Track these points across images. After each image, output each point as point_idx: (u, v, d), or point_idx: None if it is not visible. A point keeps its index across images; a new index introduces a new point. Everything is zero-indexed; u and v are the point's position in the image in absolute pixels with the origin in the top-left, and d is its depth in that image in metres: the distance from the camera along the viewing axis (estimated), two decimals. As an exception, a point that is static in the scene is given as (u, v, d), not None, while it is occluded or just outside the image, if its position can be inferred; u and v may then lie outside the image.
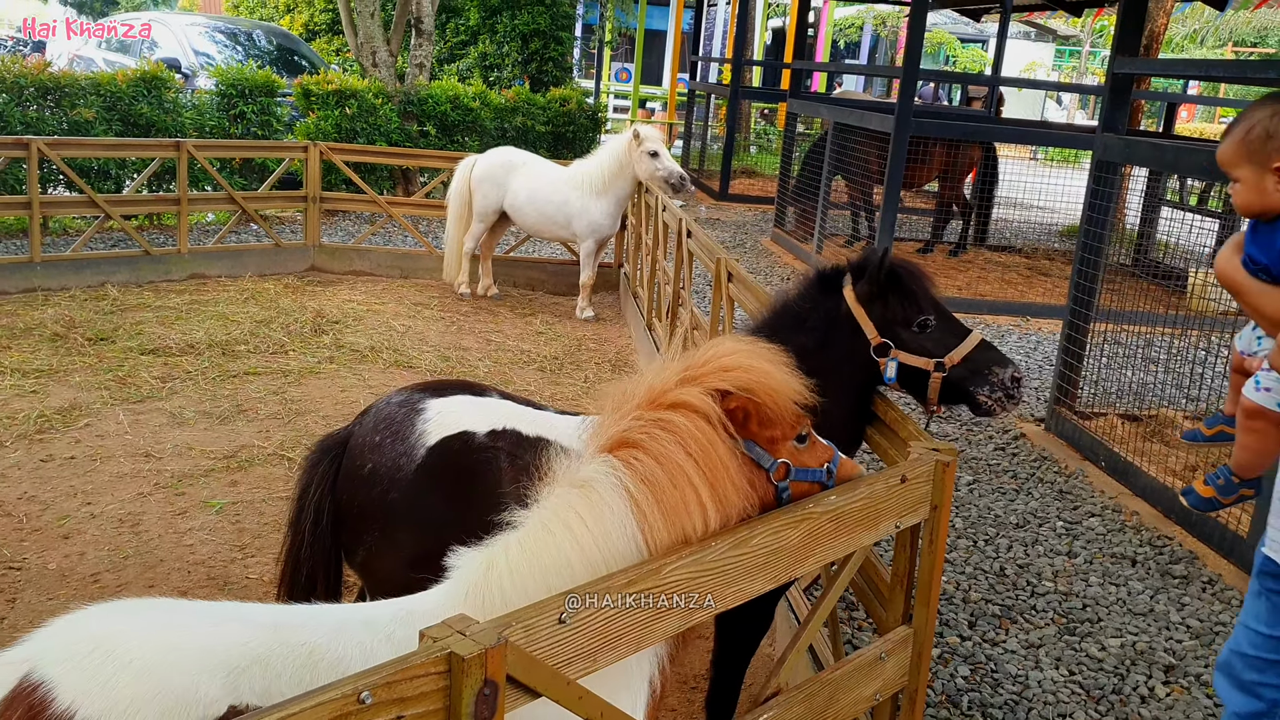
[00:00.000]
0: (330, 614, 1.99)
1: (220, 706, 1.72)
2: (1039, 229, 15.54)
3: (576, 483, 1.95)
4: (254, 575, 4.53)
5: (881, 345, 3.13)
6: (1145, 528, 5.67)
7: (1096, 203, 7.00)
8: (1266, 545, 2.58)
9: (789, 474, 2.19)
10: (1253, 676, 2.69)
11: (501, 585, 1.90)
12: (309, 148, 10.39)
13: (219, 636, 1.81)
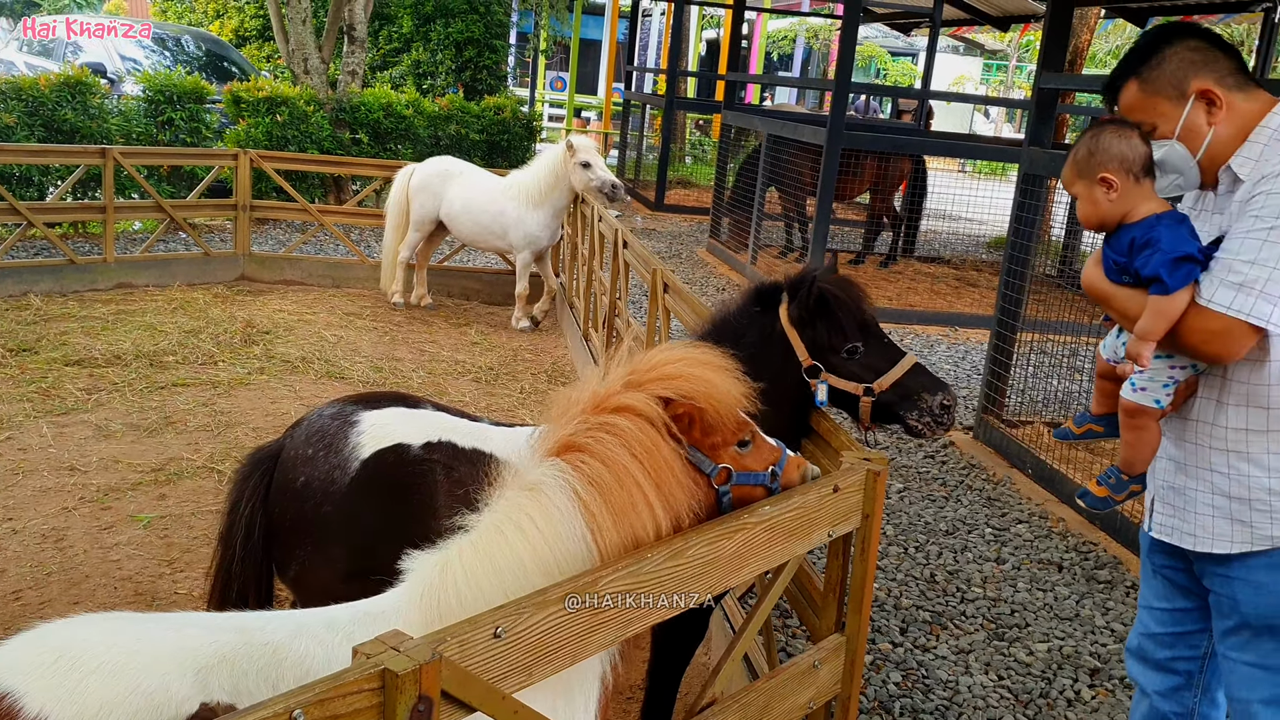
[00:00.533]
0: (290, 617, 2.01)
1: (192, 704, 1.73)
2: (967, 240, 15.84)
3: (526, 486, 1.97)
4: (183, 590, 4.45)
5: (812, 367, 3.13)
6: (1071, 534, 5.79)
7: (1023, 215, 7.15)
8: (1154, 529, 2.73)
9: (730, 479, 2.21)
10: (1165, 654, 2.83)
11: (457, 587, 1.91)
12: (239, 155, 10.24)
13: (183, 639, 1.82)
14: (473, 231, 9.24)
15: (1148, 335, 2.44)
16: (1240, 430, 2.47)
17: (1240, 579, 2.52)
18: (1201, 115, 2.47)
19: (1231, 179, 2.49)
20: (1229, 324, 2.32)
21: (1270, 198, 2.31)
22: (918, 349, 9.86)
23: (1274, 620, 2.49)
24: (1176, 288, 2.38)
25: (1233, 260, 2.33)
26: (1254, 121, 2.46)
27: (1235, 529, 2.50)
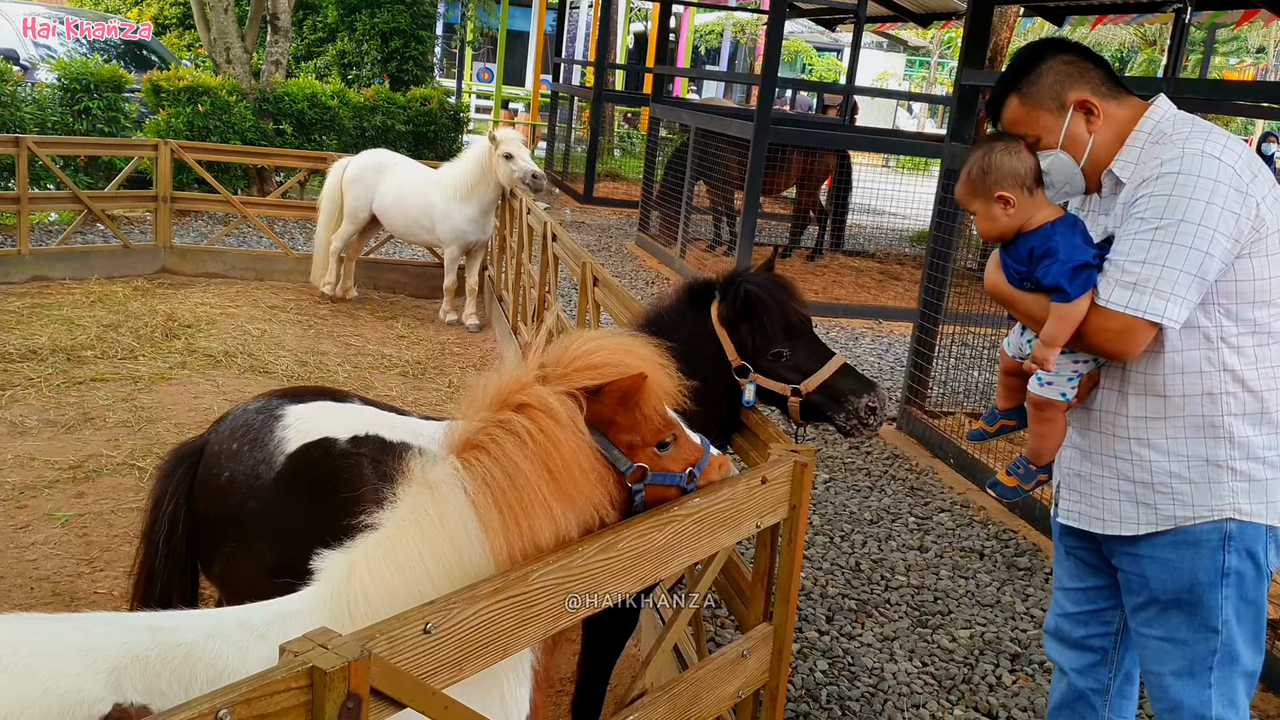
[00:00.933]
0: (205, 617, 1.98)
1: (105, 705, 1.70)
2: (891, 234, 16.06)
3: (427, 484, 1.95)
4: (103, 590, 4.35)
5: (741, 367, 3.14)
6: (992, 522, 5.92)
7: (945, 210, 7.28)
8: (1061, 515, 2.87)
9: (645, 478, 2.17)
10: (1080, 632, 2.97)
11: (364, 587, 1.90)
12: (159, 146, 10.00)
13: (96, 639, 1.79)
14: (403, 224, 9.13)
15: (1053, 341, 2.56)
16: (1140, 418, 2.59)
17: (1147, 557, 2.64)
18: (1081, 124, 2.60)
19: (1113, 182, 2.62)
20: (1128, 322, 2.45)
21: (1152, 199, 2.44)
22: (843, 342, 9.99)
23: (1180, 595, 2.60)
24: (1077, 295, 2.49)
25: (1125, 261, 2.46)
26: (1128, 127, 2.60)
27: (1140, 511, 2.63)
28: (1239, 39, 36.47)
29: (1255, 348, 2.51)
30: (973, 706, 4.12)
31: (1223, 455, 2.53)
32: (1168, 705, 2.69)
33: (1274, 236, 2.46)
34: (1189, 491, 2.56)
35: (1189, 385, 2.53)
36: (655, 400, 2.13)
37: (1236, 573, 2.56)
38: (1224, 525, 2.55)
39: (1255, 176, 2.44)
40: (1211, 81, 13.25)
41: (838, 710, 4.00)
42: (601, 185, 19.01)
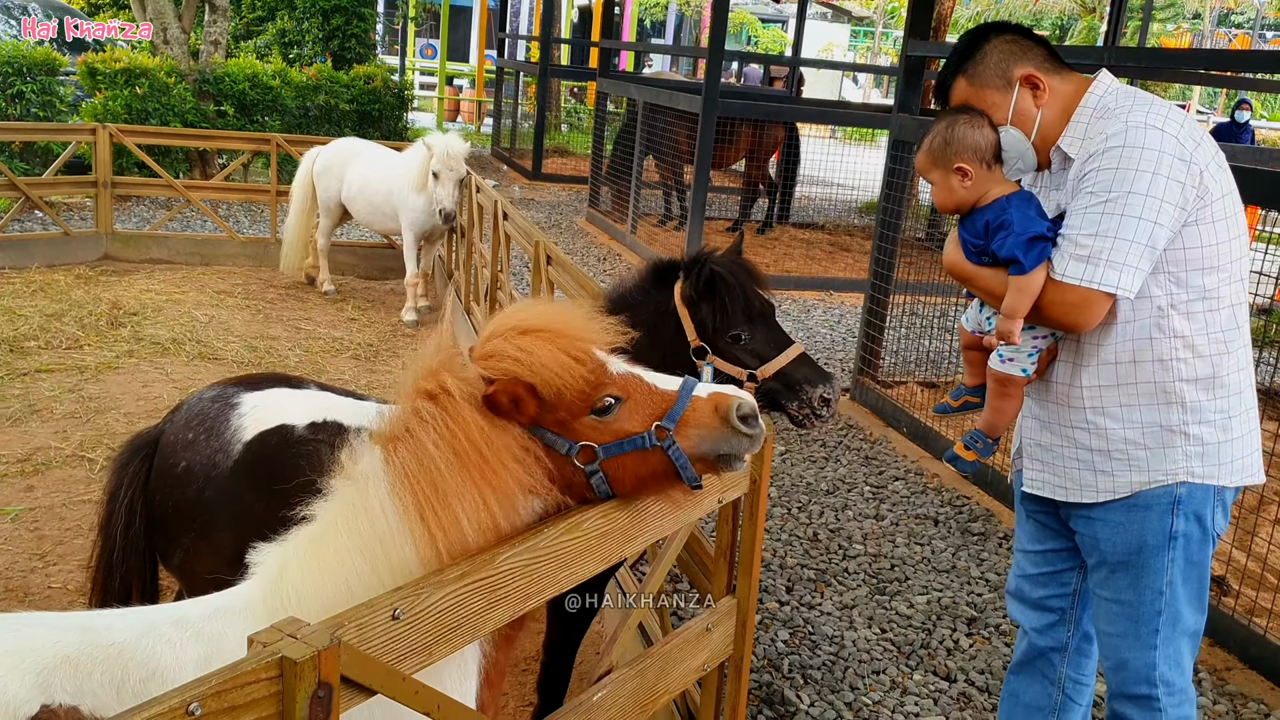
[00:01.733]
0: (138, 615, 1.94)
1: (32, 706, 1.67)
2: (840, 205, 16.16)
3: (355, 476, 1.93)
4: (57, 584, 4.29)
5: (699, 349, 3.13)
6: (945, 489, 6.01)
7: (893, 181, 7.33)
8: (1026, 484, 2.93)
9: (597, 455, 1.98)
10: (1040, 593, 3.04)
11: (294, 586, 1.88)
12: (97, 130, 9.79)
13: (23, 639, 1.75)
14: (368, 212, 8.90)
15: (1014, 313, 2.60)
16: (1094, 387, 2.65)
17: (1100, 520, 2.72)
18: (1028, 99, 2.66)
19: (1062, 157, 2.67)
20: (1084, 295, 2.50)
21: (1100, 174, 2.49)
22: (796, 314, 10.05)
23: (1128, 557, 2.68)
24: (1033, 266, 2.53)
25: (1077, 235, 2.51)
26: (1073, 102, 2.65)
27: (1099, 478, 2.69)
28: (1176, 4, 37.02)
29: (1205, 313, 2.57)
30: (931, 671, 4.19)
31: (1175, 420, 2.59)
32: (1115, 664, 2.77)
33: (1219, 203, 2.51)
34: (1144, 457, 2.62)
35: (1140, 353, 2.59)
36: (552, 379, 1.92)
37: (1183, 535, 2.64)
38: (1174, 490, 2.61)
39: (1198, 144, 2.50)
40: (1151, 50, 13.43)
41: (800, 679, 4.05)
42: (550, 161, 18.93)
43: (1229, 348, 2.59)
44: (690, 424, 2.00)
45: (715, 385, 2.10)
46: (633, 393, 2.02)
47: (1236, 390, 2.62)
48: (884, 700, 3.96)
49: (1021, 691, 3.14)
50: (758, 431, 2.04)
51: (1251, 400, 2.68)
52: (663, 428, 1.98)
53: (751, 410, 2.04)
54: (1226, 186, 2.54)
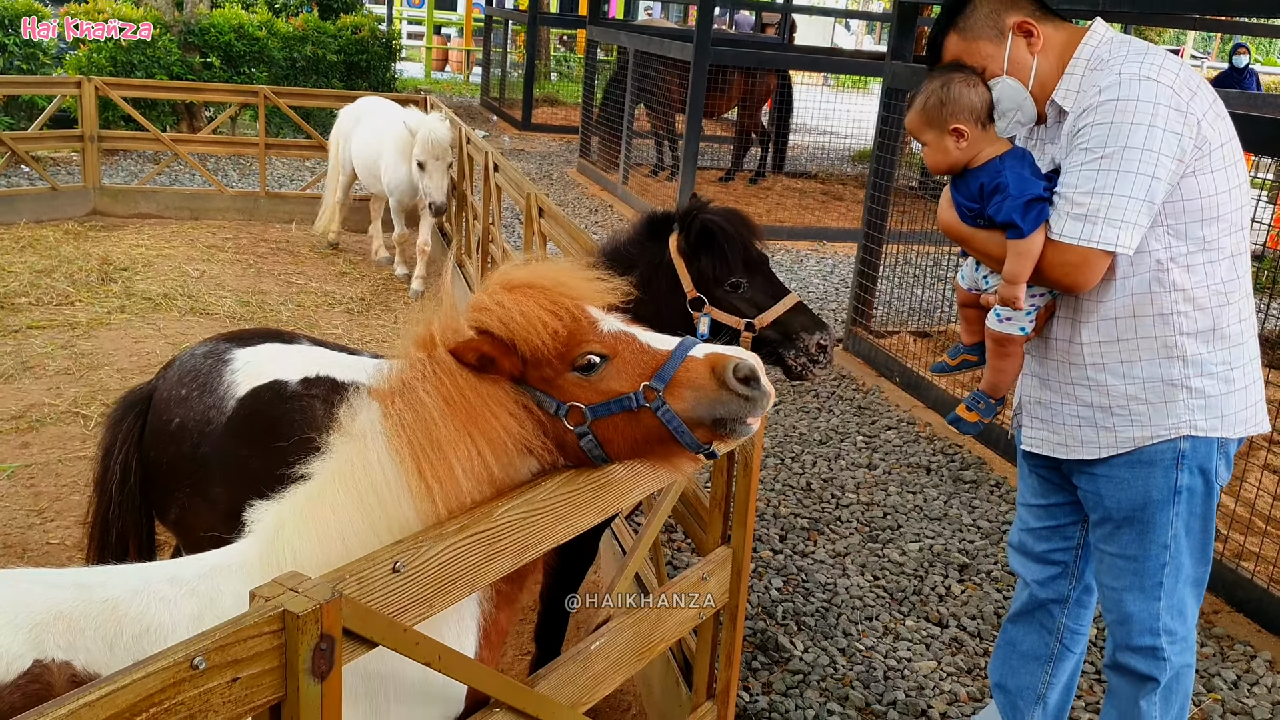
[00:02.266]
0: (134, 572, 1.95)
1: (24, 661, 1.69)
2: (833, 154, 16.07)
3: (354, 433, 1.93)
4: (55, 540, 4.31)
5: (696, 300, 3.14)
6: (937, 438, 6.05)
7: (886, 129, 7.30)
8: (1025, 443, 2.93)
9: (585, 417, 1.92)
10: (1042, 547, 3.06)
11: (292, 545, 1.88)
12: (82, 83, 9.67)
13: (17, 594, 1.77)
14: (364, 174, 8.57)
15: (1016, 279, 2.57)
16: (1095, 344, 2.63)
17: (1104, 476, 2.71)
18: (1023, 47, 2.61)
19: (1057, 110, 2.64)
20: (1084, 254, 2.48)
21: (1094, 129, 2.45)
22: (789, 265, 10.04)
23: (1133, 513, 2.68)
24: (1031, 230, 2.50)
25: (1073, 193, 2.48)
26: (1068, 52, 2.61)
27: (1101, 435, 2.68)
28: (1171, -52, 36.58)
29: (1205, 265, 2.54)
30: (923, 617, 4.24)
31: (1177, 374, 2.57)
32: (1119, 617, 2.79)
33: (1217, 152, 2.48)
34: (1146, 412, 2.61)
35: (1140, 308, 2.57)
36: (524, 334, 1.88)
37: (1188, 489, 2.63)
38: (1178, 444, 2.60)
39: (1194, 93, 2.46)
40: (1145, -7, 13.29)
41: (794, 625, 4.10)
42: (539, 111, 18.77)
43: (1229, 299, 2.57)
44: (683, 384, 1.91)
45: (715, 345, 1.99)
46: (621, 351, 1.94)
47: (1239, 341, 2.60)
48: (876, 645, 4.02)
49: (1019, 640, 3.18)
50: (758, 393, 1.93)
51: (1254, 350, 2.66)
52: (651, 388, 1.90)
53: (751, 371, 1.93)
54: (1225, 134, 2.51)
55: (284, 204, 10.26)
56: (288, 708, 1.50)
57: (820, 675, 3.80)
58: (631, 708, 3.64)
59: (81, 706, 1.24)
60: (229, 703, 1.42)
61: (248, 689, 1.44)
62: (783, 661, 3.87)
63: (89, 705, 1.25)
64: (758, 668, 3.82)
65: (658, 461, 2.04)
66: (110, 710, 1.27)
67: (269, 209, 10.19)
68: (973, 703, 3.70)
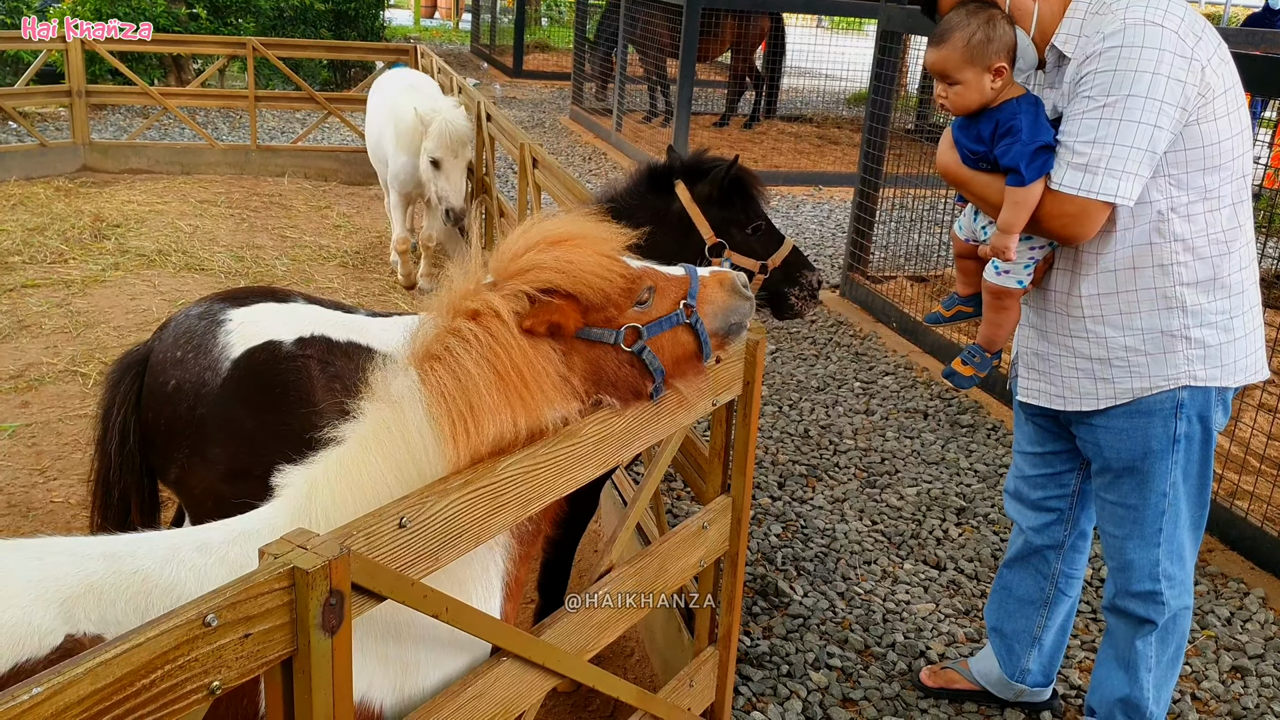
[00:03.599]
0: (162, 540, 1.92)
1: (57, 636, 1.67)
2: (827, 97, 15.95)
3: (387, 397, 1.92)
4: (59, 499, 4.34)
5: (717, 245, 3.26)
6: (934, 383, 6.07)
7: (882, 72, 7.24)
8: (1021, 394, 2.94)
9: (640, 336, 2.09)
10: (1038, 494, 3.09)
11: (324, 505, 1.88)
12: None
13: (47, 568, 1.75)
14: (372, 156, 7.38)
15: (1010, 228, 2.54)
16: (1094, 296, 2.62)
17: (1102, 427, 2.72)
18: None
19: (1057, 55, 2.58)
20: (1083, 204, 2.45)
21: (1098, 76, 2.40)
22: (785, 210, 10.01)
23: (1133, 462, 2.70)
24: (1032, 179, 2.46)
25: (1074, 142, 2.44)
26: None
27: (1099, 386, 2.68)
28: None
29: (1205, 214, 2.52)
30: (921, 560, 4.29)
31: (1176, 325, 2.56)
32: (1120, 564, 2.82)
33: (1221, 99, 2.43)
34: (1145, 364, 2.61)
35: (1139, 259, 2.55)
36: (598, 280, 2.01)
37: (1186, 437, 2.65)
38: (1177, 394, 2.60)
39: (1199, 39, 2.41)
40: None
41: (793, 570, 4.15)
42: (531, 57, 18.61)
43: (1230, 247, 2.55)
44: (705, 300, 2.22)
45: (709, 268, 2.29)
46: (658, 281, 2.17)
47: (1239, 289, 2.59)
48: (875, 589, 4.07)
49: (1015, 585, 3.22)
50: (753, 298, 2.34)
51: (1255, 298, 2.65)
52: (689, 305, 2.17)
53: (744, 280, 2.31)
54: (1229, 80, 2.46)
55: (276, 157, 10.20)
56: (299, 662, 1.52)
57: (820, 619, 3.85)
58: (635, 653, 3.69)
59: (99, 665, 1.26)
60: (241, 658, 1.45)
61: (259, 644, 1.47)
62: (783, 606, 3.92)
63: (105, 663, 1.28)
64: (758, 612, 3.87)
65: (684, 377, 2.25)
66: (126, 667, 1.30)
67: (260, 162, 10.12)
68: (970, 643, 3.76)
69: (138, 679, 1.32)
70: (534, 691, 2.10)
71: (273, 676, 1.52)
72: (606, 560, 2.50)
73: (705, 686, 2.96)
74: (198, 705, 1.40)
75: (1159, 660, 2.90)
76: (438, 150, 6.16)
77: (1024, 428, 3.07)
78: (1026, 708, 3.40)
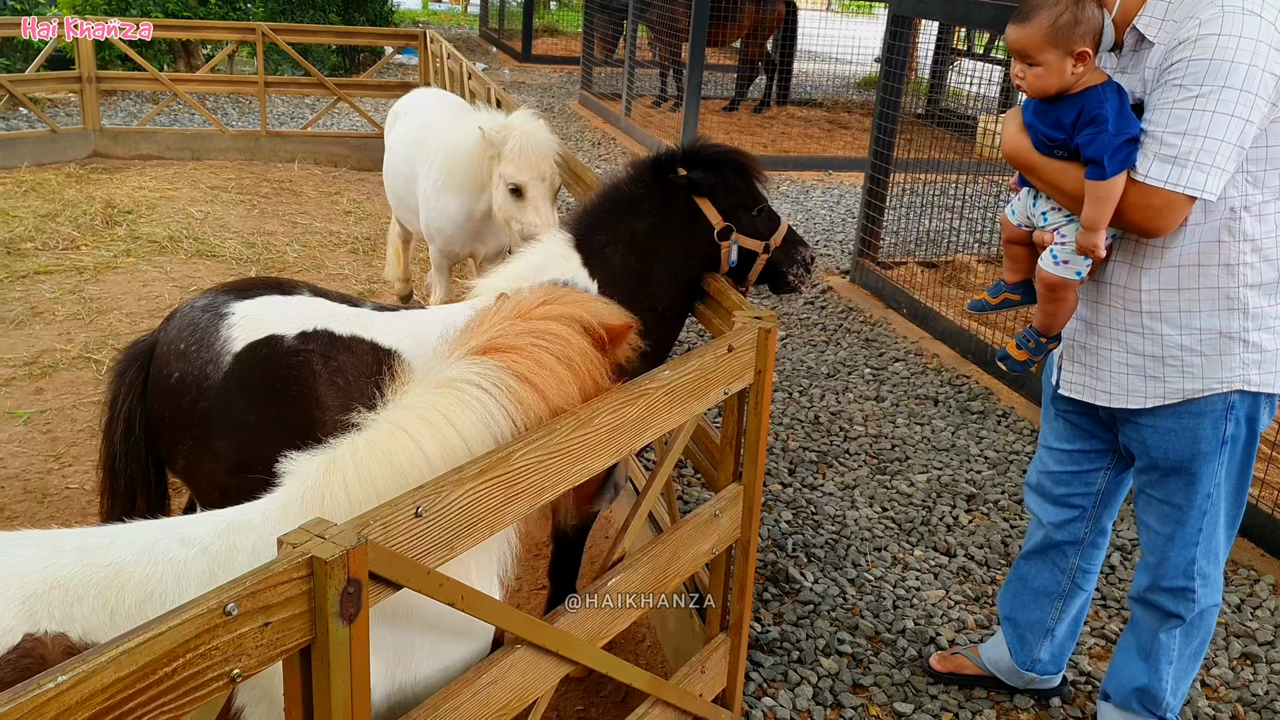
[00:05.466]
0: (142, 532, 1.89)
1: (14, 635, 1.65)
2: (837, 81, 15.89)
3: (442, 383, 1.94)
4: (74, 485, 4.37)
5: (725, 229, 3.33)
6: (945, 369, 6.07)
7: (893, 57, 7.21)
8: (1063, 387, 2.88)
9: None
10: (1061, 490, 3.05)
11: (345, 485, 1.86)
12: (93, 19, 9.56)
13: (14, 564, 1.72)
14: (394, 201, 5.91)
15: (1096, 225, 2.46)
16: (1154, 291, 2.55)
17: (1149, 426, 2.68)
18: None
19: (1136, 38, 2.49)
20: (1169, 198, 2.37)
21: (1192, 64, 2.31)
22: (795, 196, 9.99)
23: (1181, 463, 2.66)
24: (1113, 173, 2.37)
25: (1163, 133, 2.35)
26: None
27: (1149, 384, 2.63)
28: None
29: (1276, 214, 2.45)
30: (931, 546, 4.30)
31: (1236, 327, 2.51)
32: (1157, 559, 2.81)
33: None
34: (1200, 365, 2.55)
35: (1205, 256, 2.48)
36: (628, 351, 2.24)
37: (1232, 439, 2.62)
38: (1229, 396, 2.56)
39: None
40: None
41: (804, 557, 4.17)
42: (540, 42, 18.57)
43: None
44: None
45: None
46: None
47: None
48: (885, 576, 4.08)
49: (1031, 577, 3.21)
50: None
51: None
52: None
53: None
54: None
55: (285, 143, 10.21)
56: (317, 650, 1.54)
57: (830, 605, 3.87)
58: (646, 639, 3.71)
59: (122, 653, 1.28)
60: (261, 646, 1.46)
61: (278, 633, 1.48)
62: (793, 593, 3.94)
63: (129, 652, 1.29)
64: (769, 599, 3.89)
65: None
66: (149, 656, 1.31)
67: (270, 148, 10.13)
68: (980, 630, 3.77)
69: (160, 667, 1.33)
70: (548, 678, 2.12)
71: (291, 665, 1.54)
72: (619, 548, 2.51)
73: (717, 672, 2.98)
74: (218, 693, 1.42)
75: (1181, 654, 2.89)
76: (520, 173, 4.59)
77: (1053, 423, 3.02)
78: (1036, 694, 3.41)
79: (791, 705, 3.35)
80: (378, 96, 11.34)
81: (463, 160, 4.91)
